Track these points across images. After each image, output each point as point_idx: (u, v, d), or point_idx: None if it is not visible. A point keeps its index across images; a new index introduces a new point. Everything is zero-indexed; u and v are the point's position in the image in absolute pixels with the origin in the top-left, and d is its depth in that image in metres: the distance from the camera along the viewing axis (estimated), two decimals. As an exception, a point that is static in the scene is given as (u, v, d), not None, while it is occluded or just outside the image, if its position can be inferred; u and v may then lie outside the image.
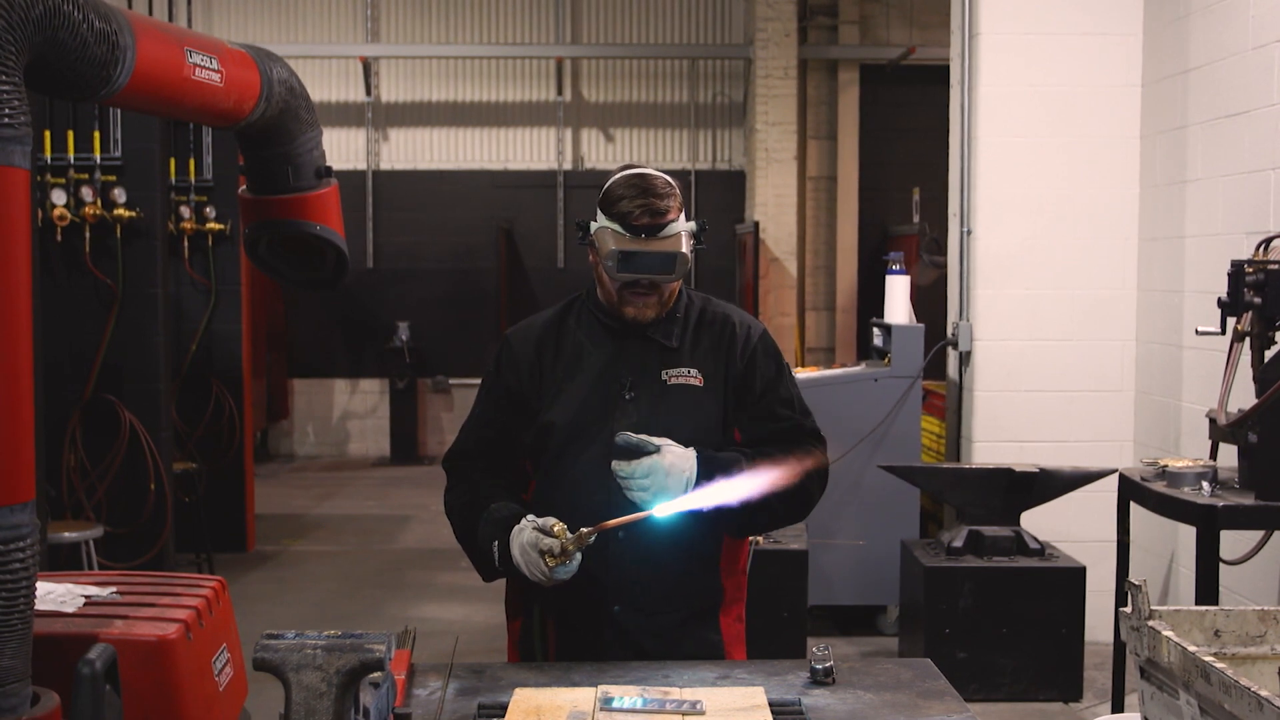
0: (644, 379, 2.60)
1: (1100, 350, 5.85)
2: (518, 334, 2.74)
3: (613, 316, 2.63)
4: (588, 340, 2.66)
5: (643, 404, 2.57)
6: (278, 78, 2.97)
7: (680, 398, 2.58)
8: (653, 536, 2.52)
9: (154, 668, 2.25)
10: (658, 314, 2.60)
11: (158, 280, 6.65)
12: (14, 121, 1.94)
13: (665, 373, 2.60)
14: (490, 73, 12.02)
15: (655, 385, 2.59)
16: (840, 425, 5.93)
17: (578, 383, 2.62)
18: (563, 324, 2.71)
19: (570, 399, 2.61)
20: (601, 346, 2.64)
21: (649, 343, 2.62)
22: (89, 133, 6.68)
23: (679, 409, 2.55)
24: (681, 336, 2.63)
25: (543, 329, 2.71)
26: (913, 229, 10.58)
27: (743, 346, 2.64)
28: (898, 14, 11.66)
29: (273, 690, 1.87)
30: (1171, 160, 5.51)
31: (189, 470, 7.17)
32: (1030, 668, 5.13)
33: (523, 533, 2.43)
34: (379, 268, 11.91)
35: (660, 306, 2.59)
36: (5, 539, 1.93)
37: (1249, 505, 3.82)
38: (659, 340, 2.62)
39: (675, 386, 2.59)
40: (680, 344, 2.62)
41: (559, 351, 2.67)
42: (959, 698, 2.37)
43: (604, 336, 2.65)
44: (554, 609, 2.64)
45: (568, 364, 2.65)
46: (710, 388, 2.60)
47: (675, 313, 2.64)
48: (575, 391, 2.61)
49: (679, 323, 2.64)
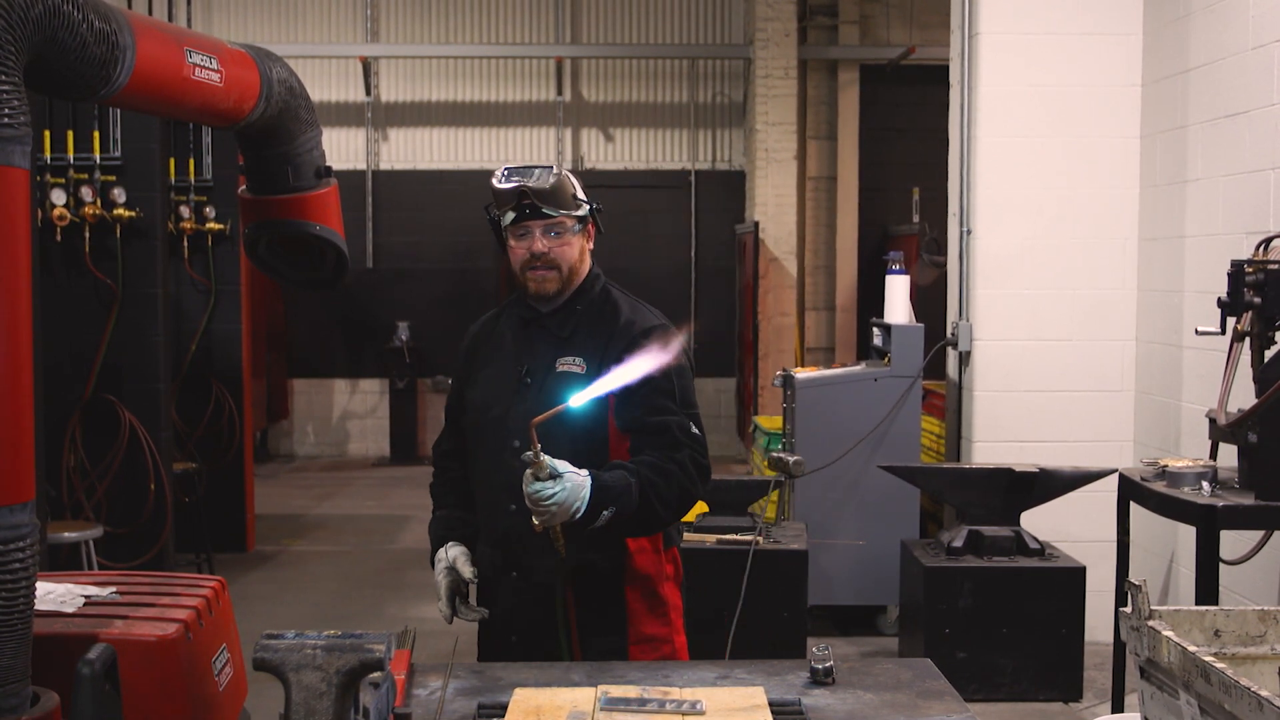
0: (540, 365, 2.82)
1: (1100, 350, 5.84)
2: (471, 329, 3.06)
3: (526, 306, 2.88)
4: (507, 331, 2.93)
5: (535, 389, 2.79)
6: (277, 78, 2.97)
7: (565, 384, 2.75)
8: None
9: (154, 668, 2.25)
10: (558, 288, 2.81)
11: (158, 280, 6.65)
12: (14, 121, 1.94)
13: (558, 360, 2.81)
14: (490, 73, 12.02)
15: (548, 371, 2.81)
16: (840, 425, 5.94)
17: (491, 369, 2.91)
18: (498, 318, 3.00)
19: (483, 383, 2.91)
20: (515, 336, 2.90)
21: (546, 332, 2.85)
22: (89, 133, 6.67)
23: (563, 395, 2.67)
24: (574, 328, 2.84)
25: (483, 323, 3.03)
26: (913, 229, 10.58)
27: (622, 339, 2.79)
28: (898, 14, 11.65)
29: (273, 690, 1.87)
30: (1171, 160, 5.51)
31: (189, 470, 7.17)
32: (1030, 668, 5.13)
33: (440, 562, 2.88)
34: (379, 268, 11.91)
35: (560, 280, 2.81)
36: (5, 539, 1.93)
37: (1249, 505, 3.82)
38: (554, 330, 2.84)
39: (562, 373, 2.79)
40: (571, 334, 2.84)
41: (487, 342, 2.96)
42: (959, 698, 2.36)
43: (518, 326, 2.90)
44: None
45: (488, 353, 2.94)
46: (589, 376, 2.75)
47: (575, 305, 2.85)
48: (488, 376, 2.90)
49: (575, 315, 2.85)
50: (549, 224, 2.77)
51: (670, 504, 2.67)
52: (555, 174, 2.76)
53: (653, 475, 2.63)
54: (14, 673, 1.94)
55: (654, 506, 2.63)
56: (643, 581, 2.82)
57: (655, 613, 2.83)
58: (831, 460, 5.83)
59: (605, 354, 2.76)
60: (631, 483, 2.60)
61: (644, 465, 2.64)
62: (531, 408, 2.67)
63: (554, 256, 2.78)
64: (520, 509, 2.60)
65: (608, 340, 2.79)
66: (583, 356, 2.78)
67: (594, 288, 2.88)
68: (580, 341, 2.81)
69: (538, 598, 2.76)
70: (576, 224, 2.80)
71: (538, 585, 2.76)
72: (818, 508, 5.94)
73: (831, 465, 5.83)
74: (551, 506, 2.48)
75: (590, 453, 2.68)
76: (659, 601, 2.83)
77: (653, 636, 2.82)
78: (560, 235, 2.78)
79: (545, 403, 2.67)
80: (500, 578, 2.83)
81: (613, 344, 2.78)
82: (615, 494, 2.57)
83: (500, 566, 2.83)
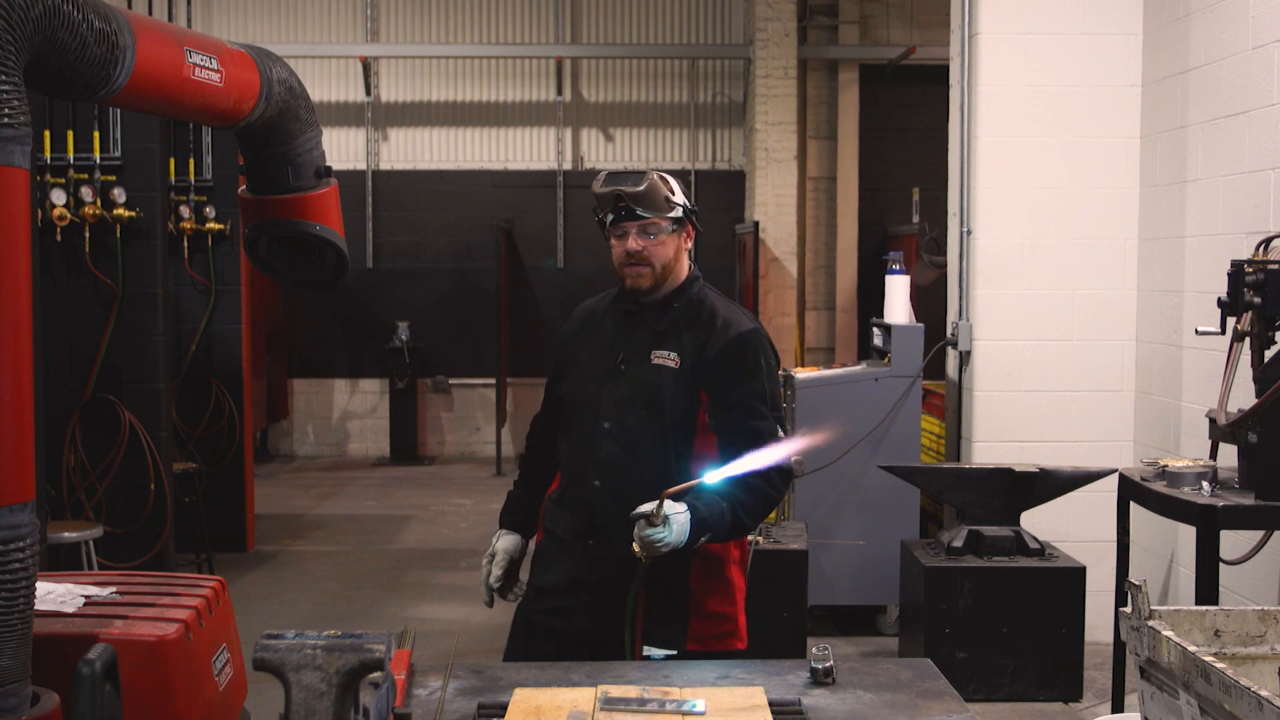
0: (636, 355, 3.02)
1: (1100, 350, 5.84)
2: (576, 311, 3.28)
3: (629, 298, 3.07)
4: (609, 319, 3.13)
5: (628, 376, 3.01)
6: (277, 77, 2.97)
7: (658, 375, 2.98)
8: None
9: (153, 668, 2.25)
10: (652, 284, 3.01)
11: (158, 280, 6.65)
12: (14, 121, 1.94)
13: (654, 352, 3.00)
14: (490, 73, 12.01)
15: (643, 361, 3.01)
16: (840, 425, 5.94)
17: (589, 352, 3.12)
18: (602, 303, 3.21)
19: (582, 365, 3.12)
20: (615, 325, 3.09)
21: (645, 325, 3.04)
22: (89, 133, 6.67)
23: (656, 385, 2.97)
24: (671, 323, 3.03)
25: (588, 308, 3.24)
26: (913, 229, 10.57)
27: (719, 340, 2.98)
28: (898, 14, 11.65)
29: (273, 690, 1.87)
30: (1171, 160, 5.51)
31: (189, 470, 7.17)
32: (1030, 668, 5.13)
33: (496, 544, 3.17)
34: (379, 268, 11.91)
35: (654, 277, 3.00)
36: (5, 539, 1.93)
37: (1249, 505, 3.82)
38: (651, 324, 3.04)
39: (656, 365, 2.99)
40: (667, 329, 3.02)
41: (590, 326, 3.17)
42: (959, 698, 2.36)
43: (620, 317, 3.10)
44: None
45: (589, 337, 3.15)
46: (682, 369, 2.97)
47: (673, 303, 3.04)
48: (587, 359, 3.11)
49: (673, 311, 3.04)
50: (643, 225, 2.98)
51: (756, 515, 2.91)
52: (648, 179, 2.96)
53: (743, 494, 2.84)
54: (14, 673, 1.94)
55: (742, 522, 2.87)
56: (712, 562, 2.99)
57: (720, 592, 3.00)
58: (831, 460, 5.83)
59: (700, 352, 2.96)
60: (724, 508, 2.81)
61: (735, 485, 2.82)
62: (624, 393, 2.97)
63: (647, 255, 2.99)
64: (604, 485, 2.95)
65: (704, 339, 2.98)
66: (677, 352, 2.98)
67: (692, 288, 3.07)
68: (676, 336, 3.01)
69: (610, 565, 2.94)
70: (670, 225, 3.00)
71: (613, 555, 2.93)
72: (818, 508, 5.94)
73: (831, 465, 5.83)
74: (661, 549, 2.71)
75: (677, 443, 2.94)
76: (726, 582, 3.02)
77: (718, 614, 2.99)
78: (654, 235, 2.99)
79: (637, 389, 2.96)
80: (578, 543, 3.04)
81: (709, 344, 2.97)
82: (711, 524, 2.79)
83: (580, 533, 3.03)
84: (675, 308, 3.04)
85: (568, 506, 3.07)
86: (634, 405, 2.97)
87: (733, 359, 2.95)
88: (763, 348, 2.99)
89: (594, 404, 3.02)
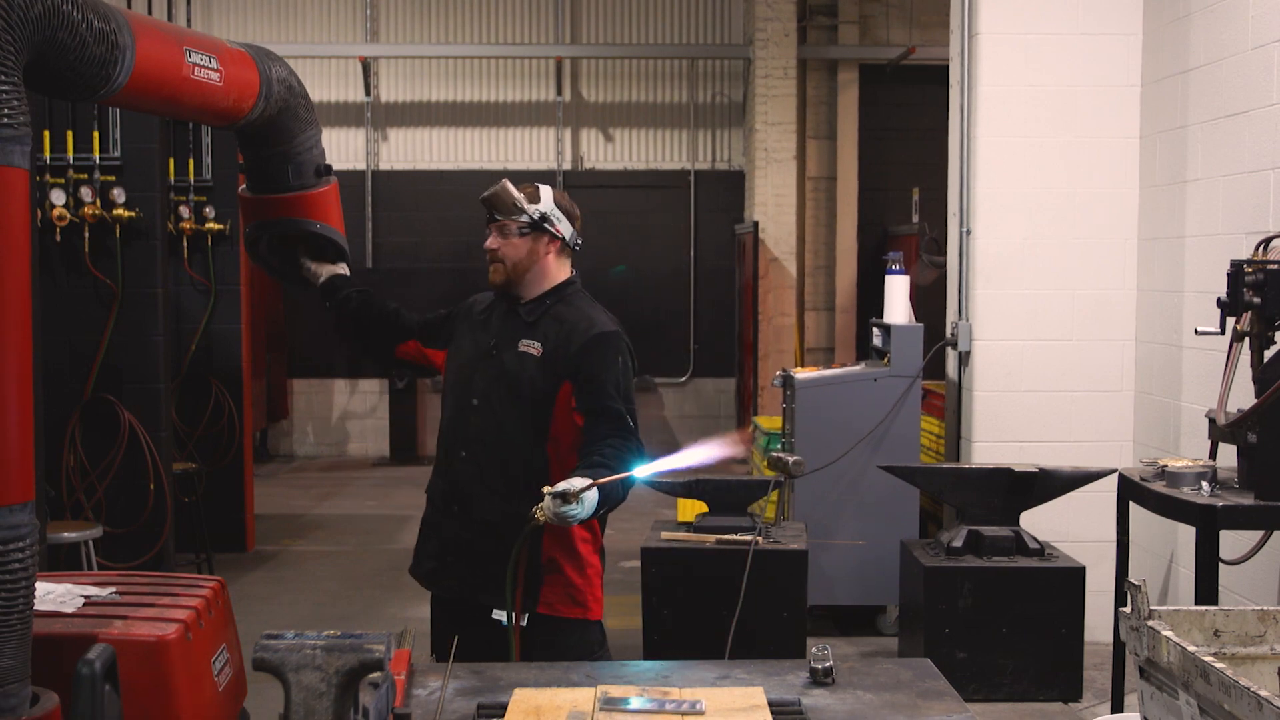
0: (506, 342, 3.32)
1: (1100, 350, 5.84)
2: (474, 296, 3.55)
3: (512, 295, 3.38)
4: (494, 310, 3.43)
5: (497, 360, 3.31)
6: (277, 77, 2.97)
7: (521, 361, 3.29)
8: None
9: (153, 668, 2.25)
10: (504, 278, 3.34)
11: (157, 280, 6.64)
12: (14, 121, 1.94)
13: (521, 341, 3.30)
14: (490, 73, 12.01)
15: (512, 349, 3.31)
16: (840, 425, 5.94)
17: (471, 336, 3.43)
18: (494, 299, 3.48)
19: (462, 345, 3.44)
20: (497, 315, 3.40)
21: (518, 318, 3.35)
22: (88, 133, 6.67)
23: (518, 370, 3.27)
24: (540, 317, 3.34)
25: (482, 298, 3.51)
26: (912, 229, 10.58)
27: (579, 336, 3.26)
28: (897, 14, 11.65)
29: (273, 690, 1.87)
30: (1171, 160, 5.51)
31: (189, 470, 7.17)
32: (1030, 668, 5.12)
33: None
34: (379, 268, 11.91)
35: (505, 272, 3.33)
36: (5, 539, 1.93)
37: (1249, 505, 3.82)
38: (524, 317, 3.34)
39: (521, 352, 3.29)
40: (536, 321, 3.32)
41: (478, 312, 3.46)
42: (958, 698, 2.36)
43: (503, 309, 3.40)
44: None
45: (474, 322, 3.45)
46: (542, 358, 3.26)
47: (546, 301, 3.35)
48: (468, 341, 3.42)
49: (545, 308, 3.35)
50: (500, 225, 3.33)
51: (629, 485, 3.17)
52: (497, 186, 3.31)
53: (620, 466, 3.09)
54: (14, 673, 1.94)
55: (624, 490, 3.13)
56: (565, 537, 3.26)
57: (572, 565, 3.27)
58: (831, 460, 5.83)
59: (564, 345, 3.25)
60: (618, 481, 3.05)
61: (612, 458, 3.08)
62: (492, 375, 3.29)
63: (500, 252, 3.34)
64: (469, 456, 3.29)
65: (568, 333, 3.27)
66: (540, 342, 3.28)
67: (566, 289, 3.38)
68: (543, 329, 3.30)
69: (475, 530, 3.27)
70: (520, 229, 3.31)
71: (476, 521, 3.27)
72: (817, 508, 5.94)
73: (831, 465, 5.83)
74: (572, 522, 2.93)
75: (536, 422, 3.24)
76: (577, 555, 3.28)
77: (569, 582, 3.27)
78: (506, 236, 3.32)
79: (502, 373, 3.28)
80: (447, 507, 3.36)
81: (573, 338, 3.26)
82: (611, 498, 3.04)
83: (448, 498, 3.36)
84: (547, 304, 3.34)
85: (440, 475, 3.41)
86: (499, 386, 3.28)
87: (592, 352, 3.23)
88: (620, 347, 3.27)
89: (467, 383, 3.35)
